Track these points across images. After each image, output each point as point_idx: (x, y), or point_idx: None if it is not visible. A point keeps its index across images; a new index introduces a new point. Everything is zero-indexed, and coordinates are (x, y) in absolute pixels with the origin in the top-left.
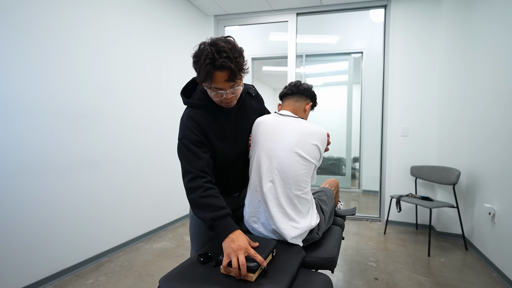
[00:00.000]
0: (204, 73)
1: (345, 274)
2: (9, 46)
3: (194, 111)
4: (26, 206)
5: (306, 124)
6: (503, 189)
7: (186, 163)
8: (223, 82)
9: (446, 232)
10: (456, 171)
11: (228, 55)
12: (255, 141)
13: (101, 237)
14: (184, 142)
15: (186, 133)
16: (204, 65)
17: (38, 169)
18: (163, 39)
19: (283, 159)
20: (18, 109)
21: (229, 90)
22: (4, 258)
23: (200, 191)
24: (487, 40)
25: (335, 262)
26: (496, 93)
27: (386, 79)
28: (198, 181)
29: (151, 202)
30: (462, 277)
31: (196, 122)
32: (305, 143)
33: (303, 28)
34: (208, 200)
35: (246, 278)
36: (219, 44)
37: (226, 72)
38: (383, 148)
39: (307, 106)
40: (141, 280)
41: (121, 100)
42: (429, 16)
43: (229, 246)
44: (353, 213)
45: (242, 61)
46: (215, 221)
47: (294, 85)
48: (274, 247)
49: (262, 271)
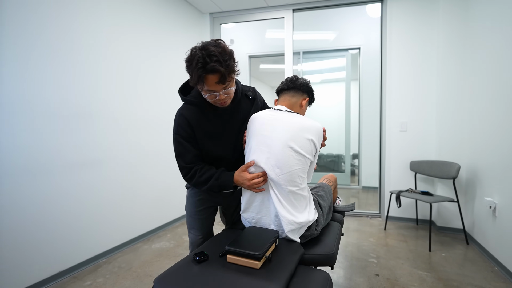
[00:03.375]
0: (196, 77)
1: (345, 270)
2: (7, 48)
3: (187, 108)
4: (23, 207)
5: (301, 119)
6: (504, 182)
7: (179, 157)
8: (215, 84)
9: (447, 226)
10: (456, 165)
11: (218, 59)
12: (250, 136)
13: (99, 238)
14: (176, 137)
15: (177, 129)
16: (196, 69)
17: (35, 170)
18: (158, 37)
19: (278, 154)
20: (16, 110)
21: (221, 91)
22: (1, 260)
23: (196, 175)
24: (485, 33)
25: (335, 258)
26: (496, 86)
27: (384, 74)
28: (191, 171)
29: (149, 202)
30: (463, 272)
31: (185, 118)
32: (300, 137)
33: (299, 25)
34: (206, 175)
35: (251, 266)
36: (209, 49)
37: (217, 75)
38: (382, 143)
39: (304, 101)
40: (140, 281)
41: (117, 100)
42: (426, 10)
43: (242, 181)
44: (352, 208)
45: (232, 63)
46: (218, 180)
47: (290, 80)
48: (277, 237)
49: (266, 260)
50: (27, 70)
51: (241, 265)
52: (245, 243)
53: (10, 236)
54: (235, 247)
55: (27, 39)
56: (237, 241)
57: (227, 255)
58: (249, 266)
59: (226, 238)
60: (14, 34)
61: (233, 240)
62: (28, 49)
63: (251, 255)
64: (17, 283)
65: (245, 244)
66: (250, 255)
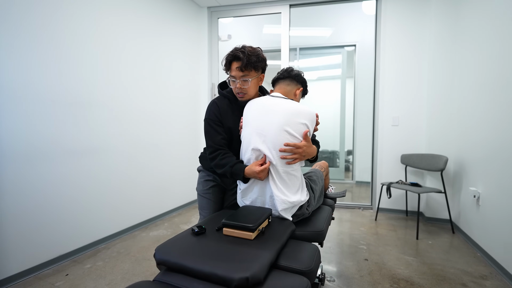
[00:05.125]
0: (226, 61)
1: (336, 256)
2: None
3: (220, 99)
4: (24, 192)
5: (295, 104)
6: (487, 172)
7: (208, 138)
8: (236, 70)
9: (435, 217)
10: (443, 158)
11: (244, 51)
12: (247, 122)
13: (98, 224)
14: (207, 121)
15: (209, 114)
16: (227, 55)
17: (36, 156)
18: (156, 30)
19: (274, 137)
20: (20, 98)
21: (239, 80)
22: (4, 243)
23: (218, 158)
24: (474, 33)
25: (324, 235)
26: (481, 83)
27: (378, 70)
28: (216, 152)
29: (148, 191)
30: (448, 257)
31: (217, 106)
32: (294, 122)
33: (296, 21)
34: (225, 161)
35: (246, 237)
36: (244, 46)
37: (238, 62)
38: (374, 137)
39: (298, 91)
40: (138, 264)
41: (116, 90)
42: (419, 8)
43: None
44: (344, 195)
45: (255, 59)
46: (232, 168)
47: (286, 70)
48: (270, 214)
49: (259, 232)
50: (29, 58)
51: (236, 237)
52: (240, 218)
53: (13, 219)
54: (231, 220)
55: (32, 31)
56: (232, 216)
57: (223, 228)
58: (244, 237)
59: (223, 216)
60: (18, 24)
61: (229, 215)
62: (31, 37)
63: (246, 227)
64: (19, 265)
65: (240, 218)
66: (244, 227)
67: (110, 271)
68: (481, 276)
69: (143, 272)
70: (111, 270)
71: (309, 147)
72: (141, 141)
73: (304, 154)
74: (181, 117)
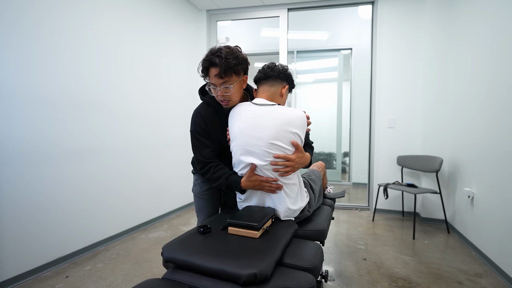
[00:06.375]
0: (201, 67)
1: (335, 256)
2: (9, 35)
3: (204, 107)
4: (23, 194)
5: (283, 112)
6: (481, 173)
7: (196, 152)
8: (214, 77)
9: (431, 218)
10: (439, 159)
11: (221, 55)
12: (233, 136)
13: (98, 226)
14: (193, 134)
15: (194, 126)
16: (203, 61)
17: (35, 157)
18: (155, 33)
19: (264, 154)
20: (18, 99)
21: (220, 87)
22: (3, 245)
23: (210, 172)
24: (468, 35)
25: (325, 234)
26: (475, 86)
27: (374, 73)
28: (207, 166)
29: (147, 193)
30: (443, 256)
31: (202, 116)
32: (285, 132)
33: (294, 24)
34: (218, 174)
35: (251, 235)
36: (220, 47)
37: (216, 68)
38: (371, 140)
39: (284, 89)
40: (139, 265)
41: (116, 92)
42: (414, 11)
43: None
44: (343, 195)
45: (234, 62)
46: (227, 180)
47: (268, 67)
48: (273, 214)
49: (264, 231)
50: (28, 59)
51: (242, 236)
52: (245, 217)
53: (13, 221)
54: (236, 219)
55: (31, 32)
56: (237, 215)
57: (228, 227)
58: (249, 236)
59: (226, 216)
60: (16, 24)
61: (233, 215)
62: (29, 37)
63: (251, 225)
64: (19, 267)
65: (245, 218)
66: (249, 226)
67: (110, 273)
68: (476, 274)
69: (144, 273)
70: (111, 272)
71: (302, 157)
72: (140, 143)
73: (297, 166)
74: (180, 119)
